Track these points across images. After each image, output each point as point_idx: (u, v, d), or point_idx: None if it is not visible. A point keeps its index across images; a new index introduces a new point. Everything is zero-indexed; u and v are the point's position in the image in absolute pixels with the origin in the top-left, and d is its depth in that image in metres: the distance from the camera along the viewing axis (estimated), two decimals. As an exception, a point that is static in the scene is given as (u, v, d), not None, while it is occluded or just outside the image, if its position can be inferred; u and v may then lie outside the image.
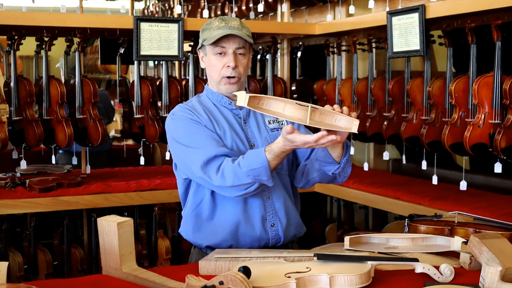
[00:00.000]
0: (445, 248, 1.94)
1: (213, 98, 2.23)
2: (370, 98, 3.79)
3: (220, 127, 2.15)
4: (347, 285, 1.62)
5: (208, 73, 2.22)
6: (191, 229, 2.22)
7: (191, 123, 2.12)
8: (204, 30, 2.18)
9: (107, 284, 1.81)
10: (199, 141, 2.08)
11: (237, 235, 2.15)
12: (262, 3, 4.56)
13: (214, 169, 2.02)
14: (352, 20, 3.98)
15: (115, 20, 3.66)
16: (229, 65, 2.12)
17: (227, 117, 2.19)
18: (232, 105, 2.20)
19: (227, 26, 2.11)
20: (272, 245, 2.18)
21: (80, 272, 3.74)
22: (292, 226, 2.21)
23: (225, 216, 2.15)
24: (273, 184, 2.03)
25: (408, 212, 2.83)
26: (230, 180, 2.00)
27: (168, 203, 3.97)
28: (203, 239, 2.19)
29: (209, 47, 2.15)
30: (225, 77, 2.14)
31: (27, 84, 3.55)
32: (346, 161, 2.04)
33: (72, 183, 3.55)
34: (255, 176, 1.97)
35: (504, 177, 3.43)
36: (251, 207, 2.15)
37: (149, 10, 7.28)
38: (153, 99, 3.83)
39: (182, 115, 2.15)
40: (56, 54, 4.47)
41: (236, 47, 2.12)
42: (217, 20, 2.15)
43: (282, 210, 2.18)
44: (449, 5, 3.06)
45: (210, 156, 2.03)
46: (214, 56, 2.14)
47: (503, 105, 2.88)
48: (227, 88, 2.16)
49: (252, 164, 1.96)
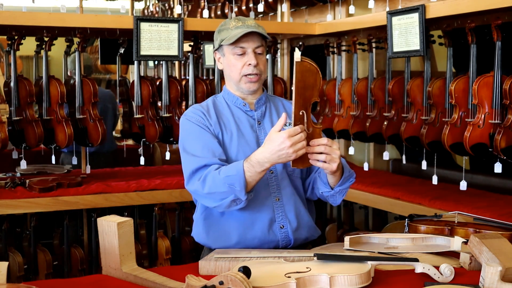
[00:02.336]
0: (445, 248, 1.94)
1: (228, 98, 2.24)
2: (370, 98, 3.79)
3: (228, 131, 2.16)
4: (347, 285, 1.62)
5: (226, 73, 2.22)
6: (201, 231, 2.23)
7: (196, 127, 2.14)
8: (221, 31, 2.18)
9: (107, 284, 1.81)
10: (196, 149, 2.10)
11: (246, 238, 2.14)
12: (262, 3, 4.56)
13: (198, 177, 2.05)
14: (352, 20, 3.98)
15: (115, 20, 3.65)
16: (250, 63, 2.13)
17: (239, 118, 2.20)
18: (246, 107, 2.22)
19: (244, 25, 2.13)
20: (283, 247, 2.17)
21: (80, 272, 3.74)
22: (303, 228, 2.20)
23: (233, 218, 2.15)
24: (246, 201, 2.02)
25: (408, 212, 2.83)
26: (208, 187, 2.01)
27: (168, 203, 3.98)
28: (212, 242, 2.19)
29: (228, 48, 2.15)
30: (246, 75, 2.15)
31: (27, 84, 3.55)
32: (339, 191, 2.10)
33: (72, 183, 3.55)
34: (229, 184, 1.97)
35: (504, 177, 3.43)
36: (260, 209, 2.14)
37: (149, 10, 7.29)
38: (153, 99, 3.83)
39: (192, 117, 2.17)
40: (56, 54, 4.47)
41: (255, 46, 2.14)
42: (233, 20, 2.16)
43: (292, 212, 2.17)
44: (449, 5, 3.06)
45: (200, 165, 2.06)
46: (234, 55, 2.15)
47: (503, 105, 2.88)
48: (248, 86, 2.17)
49: (229, 171, 1.98)
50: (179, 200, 3.79)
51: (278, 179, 2.17)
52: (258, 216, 2.14)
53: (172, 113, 3.85)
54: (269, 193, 2.15)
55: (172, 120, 3.86)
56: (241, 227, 2.14)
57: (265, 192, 2.14)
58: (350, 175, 2.11)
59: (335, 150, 1.94)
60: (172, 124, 3.86)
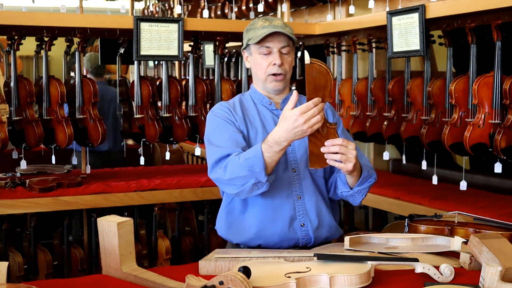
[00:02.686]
0: (445, 248, 1.94)
1: (255, 97, 2.29)
2: (370, 98, 3.79)
3: (253, 127, 2.22)
4: (347, 285, 1.62)
5: (253, 72, 2.28)
6: (223, 225, 2.28)
7: (222, 121, 2.19)
8: (249, 30, 2.23)
9: (107, 284, 1.81)
10: (221, 140, 2.14)
11: (266, 234, 2.18)
12: (262, 3, 4.56)
13: (221, 165, 2.08)
14: (352, 20, 3.98)
15: (115, 20, 3.65)
16: (275, 63, 2.17)
17: (264, 116, 2.25)
18: (272, 105, 2.27)
19: (271, 25, 2.16)
20: (303, 245, 2.20)
21: (80, 272, 3.74)
22: (324, 228, 2.23)
23: (255, 214, 2.19)
24: (268, 183, 2.04)
25: (408, 212, 2.83)
26: (229, 173, 2.04)
27: (168, 203, 3.98)
28: (233, 236, 2.24)
29: (254, 47, 2.20)
30: (271, 74, 2.19)
31: (27, 84, 3.55)
32: (358, 191, 2.13)
33: (72, 183, 3.55)
34: (249, 167, 1.99)
35: (504, 177, 3.43)
36: (281, 207, 2.18)
37: (149, 10, 7.29)
38: (153, 99, 3.83)
39: (218, 113, 2.23)
40: (56, 54, 4.47)
41: (281, 46, 2.17)
42: (261, 20, 2.21)
43: (313, 211, 2.21)
44: (449, 5, 3.06)
45: (223, 155, 2.09)
46: (260, 55, 2.19)
47: (503, 105, 2.88)
48: (274, 85, 2.22)
49: (248, 154, 2.01)
50: (179, 200, 3.79)
51: (301, 178, 2.21)
52: (279, 213, 2.18)
53: (172, 113, 3.85)
54: (291, 191, 2.19)
55: (172, 120, 3.86)
56: (261, 223, 2.18)
57: (287, 190, 2.19)
58: (369, 175, 2.13)
59: (350, 150, 1.96)
60: (172, 124, 3.86)
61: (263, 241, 2.19)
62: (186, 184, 3.78)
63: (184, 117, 3.87)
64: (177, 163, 5.41)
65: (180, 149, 5.79)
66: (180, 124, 3.87)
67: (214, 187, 3.81)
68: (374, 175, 2.18)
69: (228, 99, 3.96)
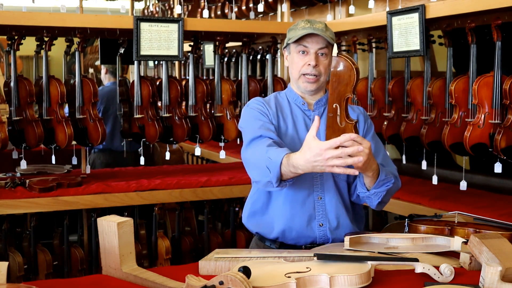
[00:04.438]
0: (445, 248, 1.94)
1: (290, 95, 2.34)
2: (370, 98, 3.79)
3: (284, 124, 2.26)
4: (347, 285, 1.62)
5: (290, 71, 2.32)
6: (246, 212, 2.36)
7: (257, 112, 2.25)
8: (290, 30, 2.27)
9: (107, 284, 1.81)
10: (255, 126, 2.19)
11: (284, 228, 2.24)
12: (262, 3, 4.56)
13: (253, 146, 2.14)
14: (352, 20, 3.98)
15: (115, 20, 3.66)
16: (309, 63, 2.20)
17: (296, 116, 2.29)
18: (305, 106, 2.30)
19: (311, 27, 2.20)
20: (320, 243, 2.24)
21: (80, 272, 3.74)
22: (342, 229, 2.25)
23: (277, 207, 2.25)
24: (280, 188, 2.09)
25: (408, 212, 2.83)
26: (255, 158, 2.10)
27: (168, 203, 3.97)
28: (253, 226, 2.34)
29: (293, 46, 2.24)
30: (304, 74, 2.22)
31: (27, 84, 3.55)
32: (375, 193, 2.14)
33: (72, 183, 3.55)
34: (267, 166, 2.02)
35: (504, 177, 3.43)
36: (302, 205, 2.23)
37: (149, 10, 7.29)
38: (153, 99, 3.83)
39: (254, 106, 2.29)
40: (56, 54, 4.47)
41: (319, 47, 2.20)
42: (303, 21, 2.25)
43: (333, 212, 2.24)
44: (449, 5, 3.06)
45: (256, 135, 2.14)
46: (297, 54, 2.23)
47: (503, 105, 2.88)
48: (306, 86, 2.25)
49: (272, 154, 2.03)
50: (179, 200, 3.79)
51: (323, 179, 2.24)
52: (299, 211, 2.23)
53: (172, 113, 3.85)
54: (312, 191, 2.24)
55: (172, 120, 3.86)
56: (282, 218, 2.24)
57: (309, 190, 2.23)
58: (386, 179, 2.13)
59: (362, 147, 1.92)
60: (172, 124, 3.86)
61: (281, 235, 2.25)
62: (186, 184, 3.78)
63: (184, 117, 3.87)
64: (177, 163, 5.41)
65: (180, 149, 5.79)
66: (180, 124, 3.87)
67: (214, 187, 3.81)
68: (393, 180, 2.16)
69: (228, 99, 4.00)
